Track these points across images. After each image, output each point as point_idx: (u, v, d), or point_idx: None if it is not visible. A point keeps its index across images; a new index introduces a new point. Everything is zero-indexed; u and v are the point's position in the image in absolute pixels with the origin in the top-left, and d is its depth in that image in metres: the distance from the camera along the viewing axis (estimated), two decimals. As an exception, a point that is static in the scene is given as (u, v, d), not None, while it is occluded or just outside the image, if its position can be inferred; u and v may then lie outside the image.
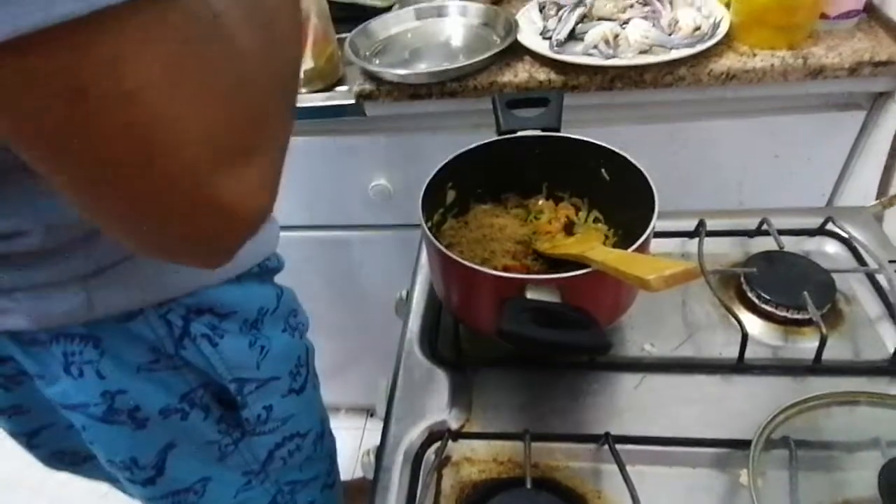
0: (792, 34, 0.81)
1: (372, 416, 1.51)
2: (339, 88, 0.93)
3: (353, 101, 0.88)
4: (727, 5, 0.86)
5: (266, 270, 0.55)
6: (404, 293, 0.68)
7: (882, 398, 0.47)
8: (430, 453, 0.50)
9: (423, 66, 0.88)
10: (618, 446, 0.47)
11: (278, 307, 0.55)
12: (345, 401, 1.48)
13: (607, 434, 0.48)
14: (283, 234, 0.58)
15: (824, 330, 0.52)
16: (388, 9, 1.02)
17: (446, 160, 0.58)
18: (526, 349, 0.56)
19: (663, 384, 0.54)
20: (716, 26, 0.82)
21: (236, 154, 0.28)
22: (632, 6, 0.90)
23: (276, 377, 0.55)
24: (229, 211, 0.28)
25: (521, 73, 0.84)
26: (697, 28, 0.82)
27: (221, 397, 0.52)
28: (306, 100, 0.91)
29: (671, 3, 0.89)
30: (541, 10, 0.94)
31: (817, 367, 0.53)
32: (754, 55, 0.80)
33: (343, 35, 0.93)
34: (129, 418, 0.47)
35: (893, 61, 0.77)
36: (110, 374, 0.46)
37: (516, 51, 0.88)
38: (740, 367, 0.54)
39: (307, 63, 0.89)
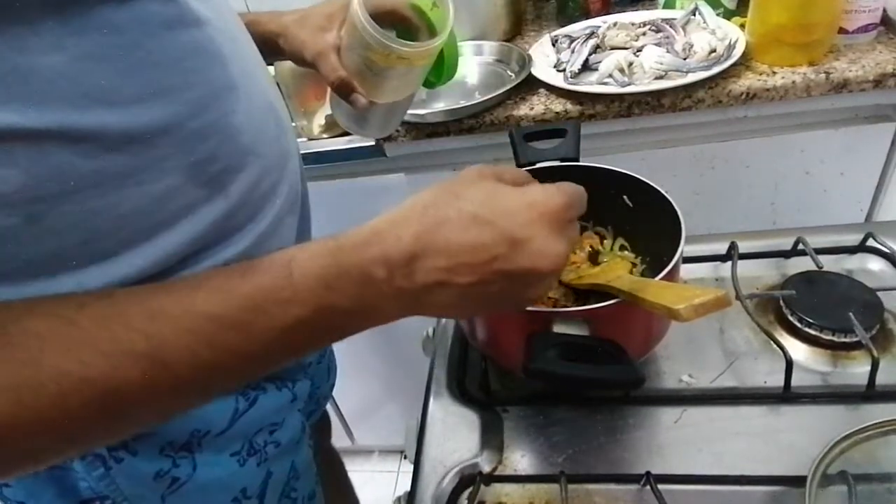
0: (811, 50, 0.79)
1: (406, 457, 1.49)
2: (359, 132, 0.95)
3: (373, 143, 0.90)
4: (742, 26, 0.85)
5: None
6: (431, 330, 0.67)
7: (946, 424, 0.44)
8: (463, 499, 0.48)
9: (440, 105, 0.89)
10: (660, 486, 0.45)
11: (231, 427, 0.46)
12: (377, 443, 1.45)
13: (648, 473, 0.46)
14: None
15: (875, 353, 0.49)
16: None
17: (466, 196, 0.58)
18: (556, 386, 0.54)
19: (705, 417, 0.51)
20: (731, 47, 0.81)
21: None
22: (644, 34, 0.90)
23: None
24: None
25: (537, 106, 0.85)
26: (713, 51, 0.81)
27: None
28: (327, 144, 0.93)
29: (684, 29, 0.89)
30: (553, 44, 0.96)
31: (871, 392, 0.50)
32: (774, 73, 0.79)
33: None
34: None
35: (920, 71, 0.75)
36: None
37: (531, 84, 0.88)
38: (787, 396, 0.51)
39: (327, 110, 0.91)
